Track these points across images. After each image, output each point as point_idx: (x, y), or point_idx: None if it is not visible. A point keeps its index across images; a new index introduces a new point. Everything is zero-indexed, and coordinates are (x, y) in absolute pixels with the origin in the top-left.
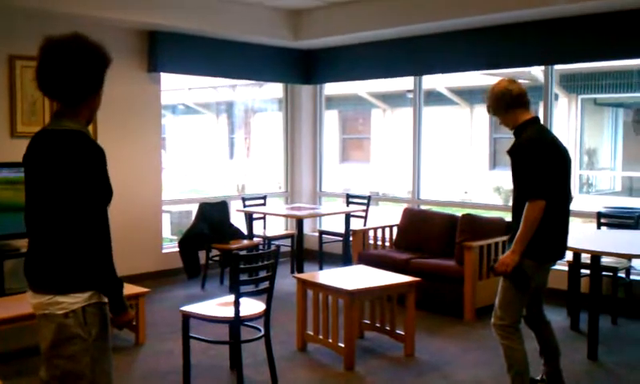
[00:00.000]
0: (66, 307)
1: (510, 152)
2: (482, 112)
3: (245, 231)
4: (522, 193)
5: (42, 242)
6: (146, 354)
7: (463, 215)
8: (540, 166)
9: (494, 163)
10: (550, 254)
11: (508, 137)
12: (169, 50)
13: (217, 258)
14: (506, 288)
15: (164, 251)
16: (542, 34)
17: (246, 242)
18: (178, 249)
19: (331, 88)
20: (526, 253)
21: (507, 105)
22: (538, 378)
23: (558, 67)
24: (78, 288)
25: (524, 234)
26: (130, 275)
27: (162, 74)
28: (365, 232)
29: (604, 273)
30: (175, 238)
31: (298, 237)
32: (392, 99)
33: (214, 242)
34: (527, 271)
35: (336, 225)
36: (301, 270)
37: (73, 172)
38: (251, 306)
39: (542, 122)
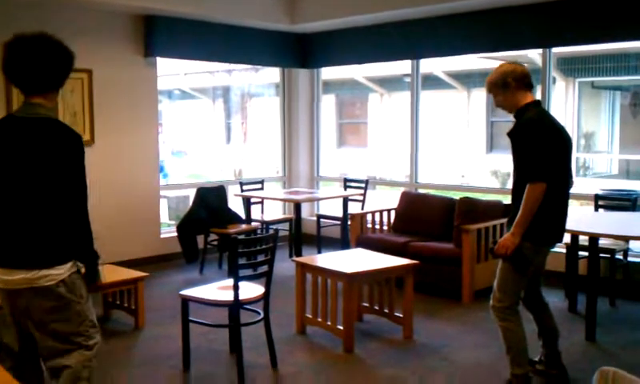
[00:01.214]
0: (55, 278)
1: (511, 134)
2: (479, 96)
3: (243, 216)
4: (522, 175)
5: (22, 223)
6: (145, 338)
7: (461, 198)
8: (541, 148)
9: (491, 147)
10: (549, 237)
11: (505, 120)
12: (165, 35)
13: (215, 243)
14: (504, 270)
15: (162, 236)
16: (540, 16)
17: (244, 226)
18: (176, 234)
19: (328, 72)
20: (525, 235)
21: (509, 85)
22: (537, 359)
23: (555, 50)
24: (62, 261)
25: (524, 216)
26: (129, 260)
27: (158, 58)
28: (363, 216)
29: (602, 255)
30: (173, 223)
31: (296, 221)
32: (389, 83)
33: (212, 227)
34: (526, 253)
35: (334, 209)
36: (299, 254)
37: (58, 156)
38: (250, 290)
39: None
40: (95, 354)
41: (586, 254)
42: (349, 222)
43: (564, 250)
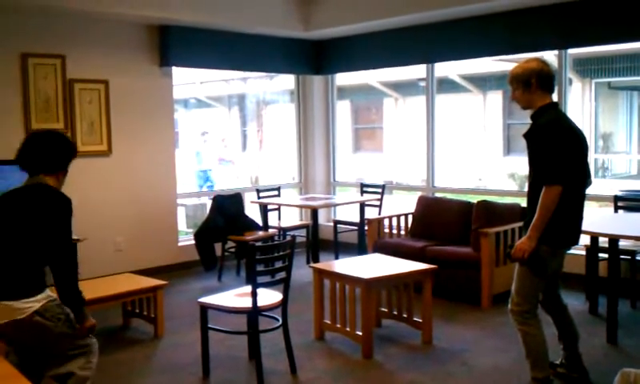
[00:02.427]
0: (28, 310)
1: (527, 136)
2: (495, 98)
3: (260, 222)
4: (538, 177)
5: (6, 263)
6: (164, 346)
7: (478, 202)
8: (557, 150)
9: (508, 149)
10: (565, 240)
11: (521, 123)
12: (180, 44)
13: (232, 250)
14: (522, 274)
15: (180, 244)
16: (555, 18)
17: (261, 233)
18: (193, 242)
19: (343, 78)
20: (542, 238)
21: (531, 85)
22: (558, 362)
23: (571, 51)
24: (36, 292)
25: (540, 219)
26: (147, 269)
27: (173, 68)
28: (380, 221)
29: (622, 256)
30: (191, 231)
31: (313, 227)
32: (404, 88)
33: (229, 234)
34: (543, 257)
35: (351, 214)
36: (316, 260)
37: (45, 213)
38: (268, 296)
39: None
40: (95, 353)
41: (606, 255)
42: (366, 228)
43: (584, 252)
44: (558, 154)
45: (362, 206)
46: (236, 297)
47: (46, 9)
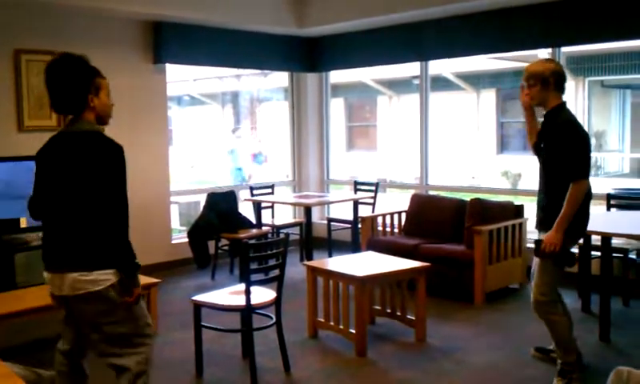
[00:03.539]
0: (105, 282)
1: (552, 134)
2: (488, 96)
3: (253, 220)
4: (561, 173)
5: (72, 229)
6: (158, 344)
7: (472, 200)
8: (584, 147)
9: (501, 147)
10: (581, 231)
11: (515, 121)
12: (174, 41)
13: (226, 248)
14: (546, 265)
15: (173, 242)
16: (549, 16)
17: (254, 231)
18: (187, 239)
19: (337, 76)
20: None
21: (549, 83)
22: (551, 347)
23: (564, 49)
24: (110, 265)
25: (569, 213)
26: (145, 266)
27: (167, 65)
28: (373, 219)
29: (615, 254)
30: (184, 228)
31: (306, 225)
32: (398, 86)
33: (222, 232)
34: (568, 248)
35: (344, 212)
36: (310, 258)
37: (100, 167)
38: (262, 294)
39: None
40: (151, 353)
41: (598, 253)
42: (359, 225)
43: (577, 250)
44: (584, 150)
45: (356, 203)
46: (229, 295)
47: (38, 4)
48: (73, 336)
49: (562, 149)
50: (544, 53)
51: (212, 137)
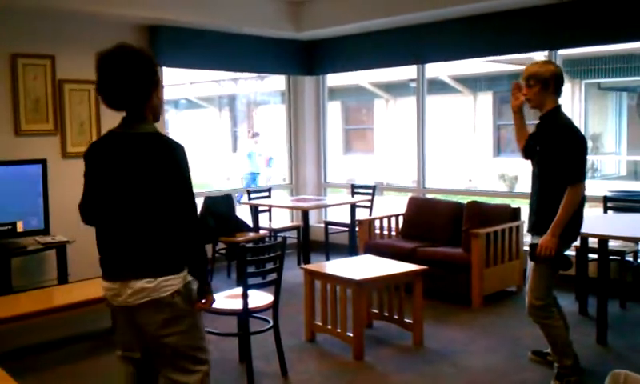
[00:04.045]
0: (170, 288)
1: (549, 137)
2: (485, 99)
3: (250, 224)
4: (557, 177)
5: (135, 235)
6: None
7: (469, 203)
8: (581, 151)
9: (497, 150)
10: (575, 235)
11: (512, 123)
12: (170, 45)
13: (223, 252)
14: (541, 270)
15: None
16: (545, 18)
17: (252, 234)
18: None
19: (333, 79)
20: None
21: (549, 86)
22: (548, 349)
23: (561, 52)
24: (176, 270)
25: (565, 217)
26: None
27: (164, 68)
28: (371, 222)
29: (612, 257)
30: None
31: (303, 228)
32: (395, 89)
33: (220, 236)
34: (562, 252)
35: (341, 215)
36: (307, 261)
37: (170, 170)
38: (259, 298)
39: None
40: (209, 372)
41: (595, 256)
42: (357, 229)
43: (574, 253)
44: (581, 154)
45: (353, 207)
46: (226, 298)
47: (35, 9)
48: (138, 344)
49: (560, 152)
50: (540, 55)
51: (209, 140)
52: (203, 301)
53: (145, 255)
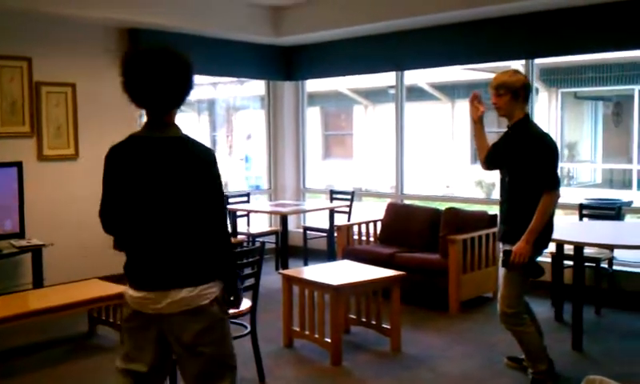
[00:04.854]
0: (210, 296)
1: (521, 146)
2: (463, 107)
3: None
4: (530, 185)
5: (173, 243)
6: None
7: (446, 209)
8: (555, 159)
9: (475, 157)
10: (547, 242)
11: (488, 131)
12: None
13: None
14: (514, 277)
15: None
16: (522, 28)
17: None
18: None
19: (313, 85)
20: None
21: (519, 96)
22: (523, 356)
23: (538, 61)
24: (213, 277)
25: (539, 224)
26: (115, 274)
27: None
28: (349, 227)
29: (587, 264)
30: None
31: (282, 233)
32: (374, 95)
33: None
34: (535, 259)
35: (320, 221)
36: (286, 267)
37: (204, 175)
38: None
39: None
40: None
41: (571, 263)
42: (335, 234)
43: (549, 260)
44: (555, 161)
45: (332, 212)
46: None
47: (12, 10)
48: (153, 357)
49: (535, 161)
50: (517, 64)
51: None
52: (234, 307)
53: (186, 264)
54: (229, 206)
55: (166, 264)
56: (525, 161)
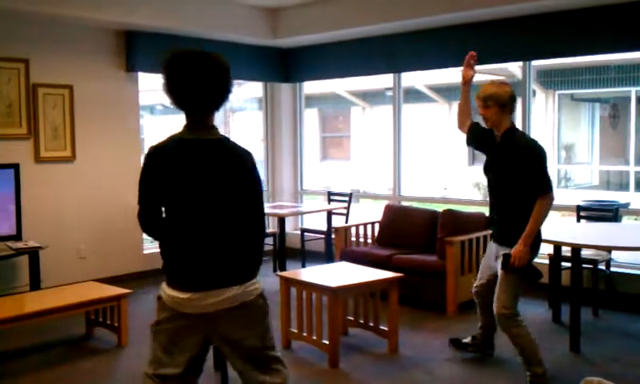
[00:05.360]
0: (258, 290)
1: (513, 155)
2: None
3: None
4: (525, 190)
5: (223, 242)
6: (129, 356)
7: (444, 211)
8: (545, 163)
9: (472, 159)
10: (539, 245)
11: None
12: (147, 50)
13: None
14: (512, 279)
15: (145, 252)
16: (520, 30)
17: None
18: (159, 250)
19: (310, 87)
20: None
21: (506, 106)
22: (468, 340)
23: (535, 63)
24: (257, 272)
25: (536, 227)
26: (111, 277)
27: (140, 73)
28: (347, 229)
29: (584, 265)
30: None
31: (279, 235)
32: (371, 97)
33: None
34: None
35: (318, 223)
36: (283, 269)
37: (249, 174)
38: None
39: (519, 117)
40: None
41: (568, 264)
42: (333, 236)
43: (547, 261)
44: (546, 165)
45: (329, 214)
46: None
47: (9, 12)
48: (189, 358)
49: (528, 169)
50: (515, 66)
51: None
52: None
53: (234, 262)
54: None
55: (215, 263)
56: (518, 169)
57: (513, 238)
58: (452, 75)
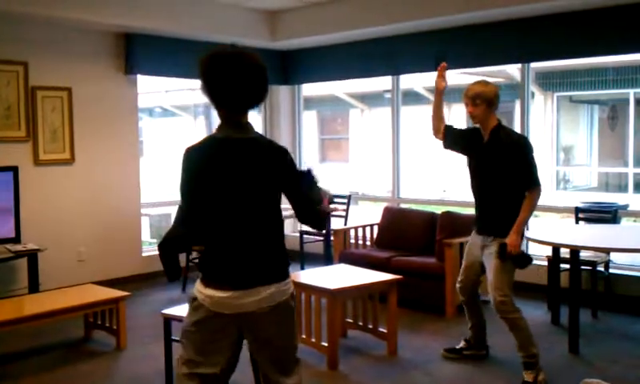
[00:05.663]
0: (290, 290)
1: (503, 151)
2: (459, 110)
3: None
4: (517, 183)
5: (261, 241)
6: (127, 358)
7: (443, 213)
8: (534, 156)
9: None
10: (524, 231)
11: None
12: (145, 52)
13: (197, 261)
14: (507, 267)
15: (144, 255)
16: (519, 32)
17: None
18: (157, 252)
19: (309, 89)
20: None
21: (493, 105)
22: (461, 346)
23: (534, 65)
24: (289, 273)
25: (527, 216)
26: (110, 279)
27: (138, 76)
28: (346, 231)
29: (583, 267)
30: (155, 241)
31: None
32: (370, 99)
33: (193, 245)
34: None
35: None
36: None
37: (283, 174)
38: None
39: (518, 119)
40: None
41: (567, 266)
42: (332, 238)
43: (546, 263)
44: (534, 159)
45: (328, 216)
46: None
47: (8, 14)
48: (228, 357)
49: (519, 163)
50: (513, 68)
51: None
52: None
53: (272, 261)
54: None
55: (254, 261)
56: (508, 164)
57: (503, 229)
58: (451, 78)
